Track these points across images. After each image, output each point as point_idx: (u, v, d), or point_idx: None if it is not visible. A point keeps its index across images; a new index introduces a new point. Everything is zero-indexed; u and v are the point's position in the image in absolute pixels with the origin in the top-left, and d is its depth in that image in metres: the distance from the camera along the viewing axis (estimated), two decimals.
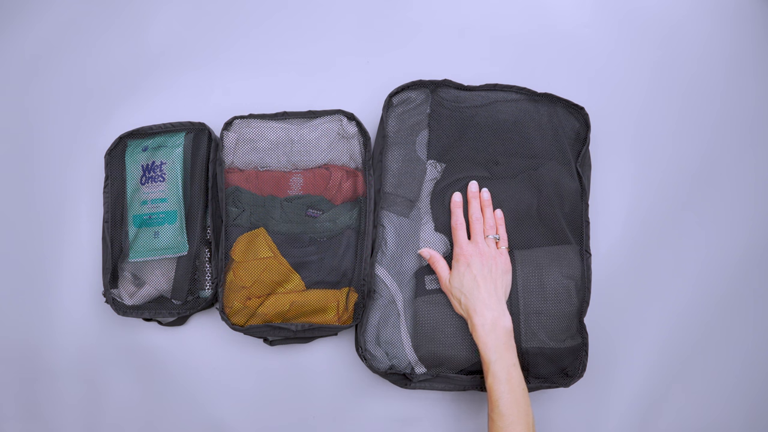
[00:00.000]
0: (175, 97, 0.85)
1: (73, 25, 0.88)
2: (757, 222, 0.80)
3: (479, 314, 0.65)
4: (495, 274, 0.68)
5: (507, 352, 0.64)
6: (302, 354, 0.78)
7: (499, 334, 0.65)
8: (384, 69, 0.83)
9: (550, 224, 0.73)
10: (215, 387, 0.79)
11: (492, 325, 0.65)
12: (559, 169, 0.74)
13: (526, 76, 0.81)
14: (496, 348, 0.64)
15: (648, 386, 0.77)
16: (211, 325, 0.80)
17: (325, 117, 0.77)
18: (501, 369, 0.63)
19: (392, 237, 0.73)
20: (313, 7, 0.86)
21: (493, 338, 0.64)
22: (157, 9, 0.87)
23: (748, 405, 0.77)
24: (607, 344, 0.77)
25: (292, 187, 0.76)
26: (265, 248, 0.74)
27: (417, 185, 0.75)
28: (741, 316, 0.78)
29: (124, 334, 0.81)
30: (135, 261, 0.76)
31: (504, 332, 0.65)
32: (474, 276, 0.67)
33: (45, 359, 0.81)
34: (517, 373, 0.64)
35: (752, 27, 0.83)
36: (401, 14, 0.85)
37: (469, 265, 0.68)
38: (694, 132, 0.82)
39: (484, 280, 0.67)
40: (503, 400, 0.61)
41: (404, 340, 0.71)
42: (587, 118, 0.76)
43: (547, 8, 0.84)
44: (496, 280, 0.68)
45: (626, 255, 0.79)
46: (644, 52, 0.83)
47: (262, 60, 0.85)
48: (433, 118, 0.76)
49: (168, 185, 0.76)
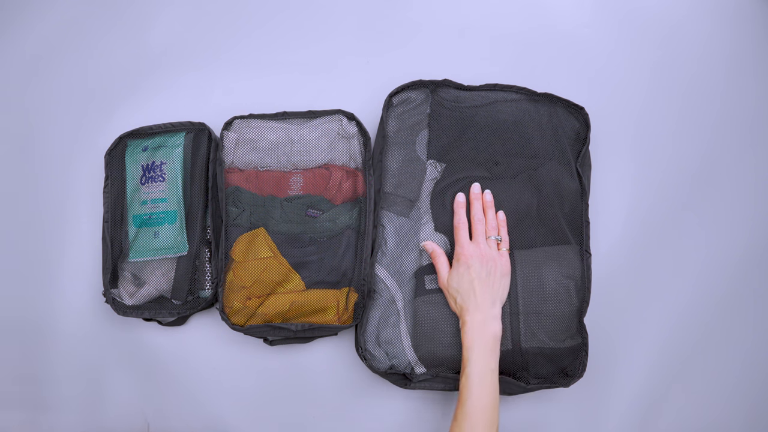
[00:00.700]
0: (176, 97, 0.85)
1: (74, 25, 0.88)
2: (757, 222, 0.80)
3: (471, 314, 0.66)
4: (493, 277, 0.68)
5: (489, 356, 0.64)
6: (302, 354, 0.78)
7: (486, 337, 0.65)
8: (384, 69, 0.83)
9: (550, 224, 0.73)
10: (215, 387, 0.79)
11: (480, 327, 0.65)
12: (559, 169, 0.74)
13: (526, 76, 0.81)
14: (478, 349, 0.64)
15: (648, 386, 0.77)
16: (211, 325, 0.80)
17: (325, 117, 0.77)
18: (477, 371, 0.63)
19: (392, 237, 0.73)
20: (313, 7, 0.86)
21: (478, 340, 0.64)
22: (158, 9, 0.87)
23: (748, 405, 0.77)
24: (607, 344, 0.77)
25: (292, 187, 0.76)
26: (265, 248, 0.74)
27: (417, 185, 0.75)
28: (741, 316, 0.78)
29: (124, 334, 0.81)
30: (135, 261, 0.76)
31: (491, 336, 0.65)
32: (472, 278, 0.67)
33: (45, 359, 0.81)
34: (493, 379, 0.64)
35: (752, 27, 0.83)
36: (401, 14, 0.85)
37: (469, 266, 0.68)
38: (694, 132, 0.82)
39: (481, 282, 0.67)
40: (471, 402, 0.61)
41: (404, 340, 0.71)
42: (587, 118, 0.76)
43: (547, 8, 0.84)
44: (493, 284, 0.68)
45: (626, 255, 0.79)
46: (644, 52, 0.83)
47: (262, 60, 0.85)
48: (433, 118, 0.76)
49: (168, 185, 0.76)
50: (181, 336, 0.80)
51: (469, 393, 0.62)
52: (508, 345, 0.70)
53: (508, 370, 0.70)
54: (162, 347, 0.80)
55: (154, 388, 0.79)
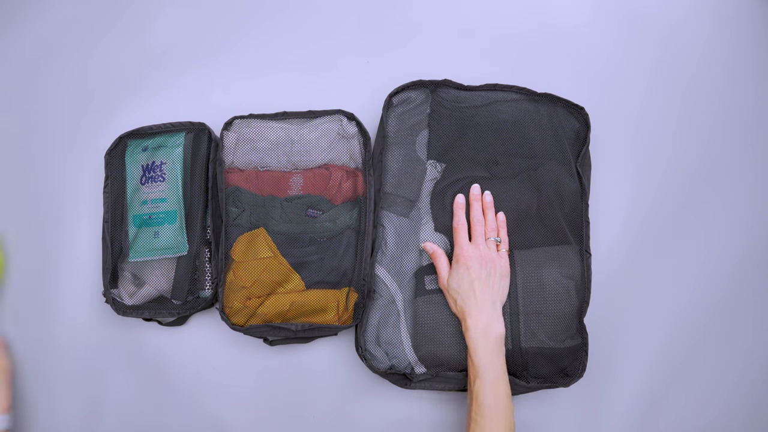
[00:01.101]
0: (176, 97, 0.85)
1: (74, 25, 0.88)
2: (757, 222, 0.80)
3: (473, 317, 0.66)
4: (493, 278, 0.68)
5: (497, 358, 0.65)
6: (302, 354, 0.78)
7: (490, 339, 0.65)
8: (384, 69, 0.83)
9: (550, 224, 0.73)
10: (215, 387, 0.79)
11: (484, 329, 0.65)
12: (559, 169, 0.74)
13: (526, 76, 0.81)
14: (486, 352, 0.64)
15: (648, 386, 0.77)
16: (211, 325, 0.80)
17: (325, 117, 0.77)
18: (490, 373, 0.63)
19: (392, 237, 0.73)
20: (313, 7, 0.86)
21: (484, 342, 0.65)
22: (158, 9, 0.87)
23: (748, 405, 0.77)
24: (607, 344, 0.77)
25: (292, 187, 0.76)
26: (265, 248, 0.74)
27: (417, 185, 0.75)
28: (741, 316, 0.78)
29: (124, 334, 0.81)
30: (135, 261, 0.76)
31: (495, 338, 0.65)
32: (472, 279, 0.67)
33: (45, 359, 0.81)
34: (504, 380, 0.64)
35: (752, 27, 0.83)
36: (401, 14, 0.85)
37: (468, 267, 0.68)
38: (693, 132, 0.82)
39: (481, 283, 0.67)
40: (487, 403, 0.62)
41: (404, 340, 0.71)
42: (587, 118, 0.76)
43: (547, 8, 0.84)
44: (493, 285, 0.68)
45: (626, 255, 0.79)
46: (644, 52, 0.83)
47: (263, 60, 0.85)
48: (433, 118, 0.76)
49: (168, 185, 0.76)
50: (181, 336, 0.80)
51: (485, 395, 0.62)
52: (508, 345, 0.70)
53: (509, 370, 0.70)
54: (162, 347, 0.80)
55: (154, 388, 0.79)
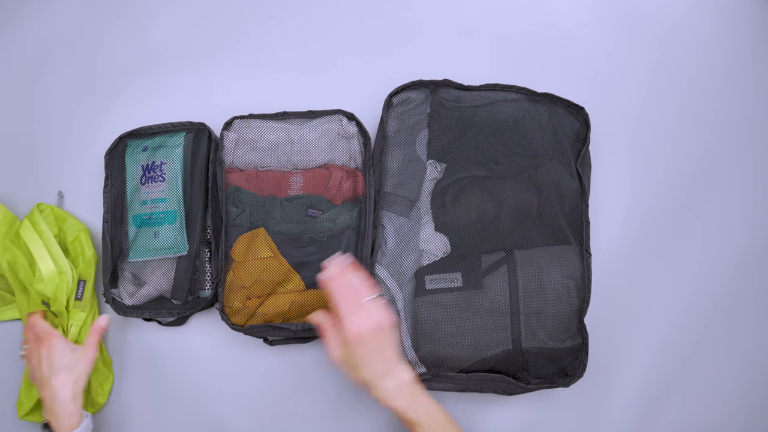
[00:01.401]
0: (176, 96, 0.85)
1: (74, 24, 0.88)
2: (757, 222, 0.80)
3: (380, 387, 0.63)
4: (387, 336, 0.64)
5: (419, 400, 0.63)
6: (302, 354, 0.78)
7: (404, 393, 0.63)
8: (384, 69, 0.83)
9: (551, 224, 0.73)
10: (215, 387, 0.79)
11: (395, 389, 0.63)
12: (559, 169, 0.74)
13: (526, 76, 0.81)
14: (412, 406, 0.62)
15: (648, 386, 0.77)
16: (211, 325, 0.80)
17: (325, 117, 0.77)
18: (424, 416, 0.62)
19: (392, 237, 0.73)
20: (313, 7, 0.86)
21: (401, 400, 0.62)
22: (158, 9, 0.87)
23: (748, 405, 0.77)
24: (607, 344, 0.77)
25: (292, 187, 0.76)
26: (265, 248, 0.74)
27: (417, 185, 0.75)
28: (741, 316, 0.78)
29: (123, 334, 0.80)
30: (135, 261, 0.76)
31: (407, 388, 0.63)
32: (371, 351, 0.63)
33: None
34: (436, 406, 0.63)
35: (752, 27, 0.83)
36: (401, 14, 0.85)
37: (363, 342, 0.62)
38: (693, 132, 0.82)
39: (376, 351, 0.63)
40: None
41: (404, 340, 0.71)
42: (587, 118, 0.76)
43: (547, 8, 0.85)
44: (386, 347, 0.64)
45: (626, 255, 0.79)
46: (644, 52, 0.83)
47: (263, 60, 0.85)
48: (433, 118, 0.76)
49: (168, 185, 0.76)
50: (181, 336, 0.80)
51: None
52: (509, 345, 0.70)
53: (509, 370, 0.70)
54: (162, 347, 0.80)
55: (153, 387, 0.79)
